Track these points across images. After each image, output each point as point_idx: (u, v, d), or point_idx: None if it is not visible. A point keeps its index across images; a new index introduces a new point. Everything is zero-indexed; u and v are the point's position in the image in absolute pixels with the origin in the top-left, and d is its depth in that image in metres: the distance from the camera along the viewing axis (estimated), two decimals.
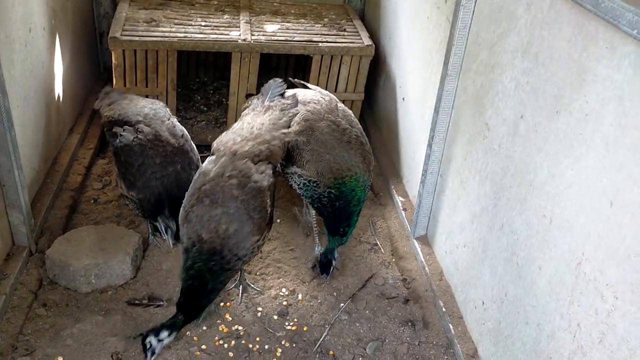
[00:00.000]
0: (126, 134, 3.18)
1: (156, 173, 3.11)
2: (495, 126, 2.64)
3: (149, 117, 3.30)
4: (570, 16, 2.07)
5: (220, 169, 2.85)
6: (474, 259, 2.86)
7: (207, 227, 2.71)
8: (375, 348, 2.93)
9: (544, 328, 2.22)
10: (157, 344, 2.66)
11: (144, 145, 3.14)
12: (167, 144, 3.20)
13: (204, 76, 5.24)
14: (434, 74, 3.45)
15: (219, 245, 2.71)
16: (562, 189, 2.10)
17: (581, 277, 1.99)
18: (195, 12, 4.48)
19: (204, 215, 2.73)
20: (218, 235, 2.71)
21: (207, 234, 2.71)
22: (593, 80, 1.94)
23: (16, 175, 2.98)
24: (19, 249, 3.17)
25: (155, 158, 3.13)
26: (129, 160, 3.13)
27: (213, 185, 2.80)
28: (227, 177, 2.81)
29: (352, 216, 3.26)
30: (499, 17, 2.62)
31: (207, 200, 2.76)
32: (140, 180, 3.10)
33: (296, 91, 3.59)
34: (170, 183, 3.11)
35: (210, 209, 2.73)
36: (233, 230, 2.72)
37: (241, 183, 2.80)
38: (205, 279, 2.73)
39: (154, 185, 3.10)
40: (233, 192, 2.77)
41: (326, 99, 3.49)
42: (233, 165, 2.86)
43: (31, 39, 3.43)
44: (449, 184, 3.19)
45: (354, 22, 4.65)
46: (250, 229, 2.76)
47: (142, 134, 3.18)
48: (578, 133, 2.01)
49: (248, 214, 2.76)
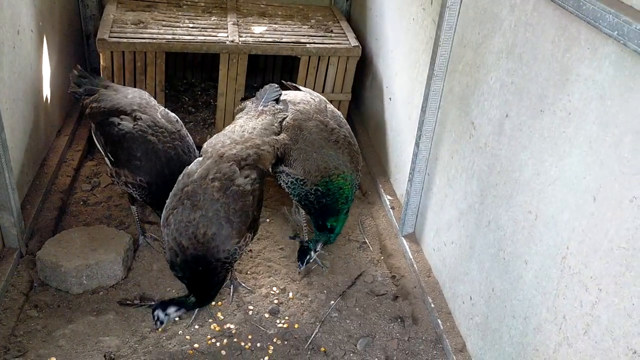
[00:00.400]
0: (125, 123, 3.21)
1: (161, 158, 3.15)
2: (481, 125, 2.71)
3: (142, 105, 3.34)
4: (553, 18, 2.14)
5: (205, 171, 2.86)
6: (462, 255, 2.92)
7: (186, 233, 2.74)
8: (365, 344, 2.98)
9: (530, 321, 2.29)
10: (164, 317, 2.82)
11: (144, 132, 3.18)
12: (165, 129, 3.25)
13: (192, 77, 5.26)
14: (420, 74, 3.51)
15: (201, 250, 2.74)
16: (547, 186, 2.16)
17: (566, 270, 2.05)
18: (182, 14, 4.50)
19: (182, 220, 2.75)
20: (197, 241, 2.74)
21: (186, 241, 2.74)
22: (576, 80, 2.00)
23: (6, 177, 2.98)
24: (9, 250, 3.17)
25: (157, 144, 3.17)
26: (132, 147, 3.16)
27: (195, 187, 2.81)
28: (210, 179, 2.82)
29: (339, 213, 3.31)
30: (483, 19, 2.69)
31: (188, 202, 2.78)
32: (147, 165, 3.14)
33: (287, 92, 3.63)
34: (174, 166, 3.15)
35: (190, 212, 2.75)
36: (211, 234, 2.74)
37: (223, 186, 2.81)
38: (201, 280, 2.80)
39: (159, 169, 3.14)
40: (214, 194, 2.78)
41: (316, 100, 3.54)
42: (217, 168, 2.86)
43: (19, 41, 3.43)
44: (436, 182, 3.25)
45: (341, 23, 4.70)
46: (229, 232, 2.77)
47: (141, 121, 3.21)
48: (562, 131, 2.08)
49: (227, 217, 2.77)
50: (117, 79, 4.05)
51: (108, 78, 4.03)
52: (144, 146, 3.15)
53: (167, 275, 3.25)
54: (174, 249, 2.77)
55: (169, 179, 3.09)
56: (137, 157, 3.14)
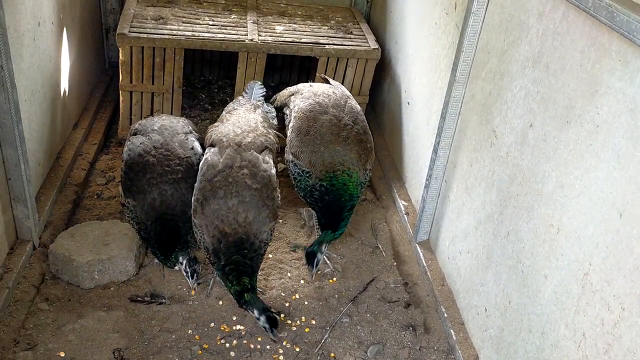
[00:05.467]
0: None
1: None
2: (503, 134, 2.66)
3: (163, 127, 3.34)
4: (583, 28, 2.09)
5: (229, 160, 2.99)
6: (478, 265, 2.87)
7: (227, 220, 2.86)
8: (376, 352, 2.94)
9: (548, 337, 2.24)
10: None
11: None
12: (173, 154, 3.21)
13: (209, 75, 5.24)
14: (441, 80, 3.46)
15: (243, 233, 2.85)
16: (571, 199, 2.11)
17: (588, 287, 2.00)
18: (202, 11, 4.48)
19: (220, 209, 2.86)
20: (239, 225, 2.85)
21: (229, 227, 2.85)
22: (605, 93, 1.95)
23: (22, 169, 2.97)
24: (22, 242, 3.16)
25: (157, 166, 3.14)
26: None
27: (224, 176, 2.93)
28: (237, 167, 2.96)
29: (343, 211, 3.31)
30: (509, 26, 2.64)
31: (221, 192, 2.89)
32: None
33: (312, 84, 3.75)
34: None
35: (225, 201, 2.87)
36: (252, 217, 2.87)
37: (251, 173, 2.96)
38: (243, 264, 2.86)
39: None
40: (246, 181, 2.92)
41: (337, 95, 3.61)
42: (241, 157, 3.01)
43: (40, 32, 3.42)
44: (454, 190, 3.20)
45: (361, 25, 4.66)
46: (267, 214, 2.93)
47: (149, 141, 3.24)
48: (589, 144, 2.03)
49: (263, 201, 2.92)
50: (135, 74, 4.04)
51: (127, 73, 4.02)
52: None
53: (179, 273, 3.23)
54: (216, 236, 2.86)
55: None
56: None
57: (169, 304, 3.07)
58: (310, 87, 3.68)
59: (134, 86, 4.07)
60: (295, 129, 3.46)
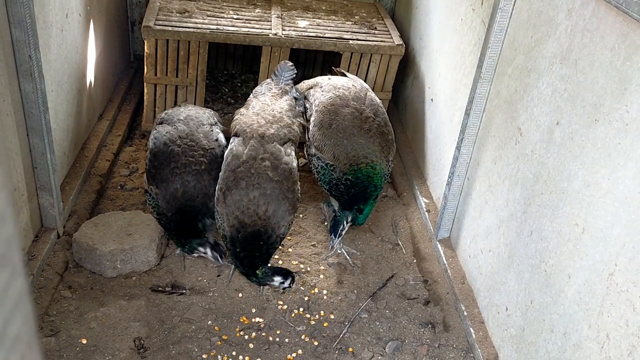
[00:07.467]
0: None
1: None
2: (528, 132, 2.62)
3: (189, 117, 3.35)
4: (614, 24, 2.05)
5: (253, 152, 3.02)
6: (499, 264, 2.84)
7: (247, 212, 2.89)
8: (394, 348, 2.93)
9: (570, 337, 2.21)
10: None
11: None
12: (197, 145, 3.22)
13: (232, 68, 5.26)
14: (466, 76, 3.43)
15: (262, 226, 2.88)
16: (597, 198, 2.08)
17: (613, 287, 1.97)
18: (227, 5, 4.50)
19: (242, 200, 2.89)
20: (259, 217, 2.88)
21: (248, 218, 2.88)
22: (635, 90, 1.91)
23: (48, 158, 3.02)
24: (47, 231, 3.21)
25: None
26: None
27: (247, 167, 2.96)
28: (260, 159, 2.99)
29: (369, 199, 3.36)
30: (537, 22, 2.60)
31: (243, 182, 2.92)
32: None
33: (330, 77, 3.73)
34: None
35: (247, 192, 2.90)
36: (272, 211, 2.90)
37: (273, 165, 2.98)
38: (256, 256, 2.92)
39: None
40: (268, 173, 2.94)
41: (357, 87, 3.61)
42: (264, 149, 3.04)
43: (67, 24, 3.47)
44: (476, 188, 3.17)
45: (385, 20, 4.64)
46: (287, 207, 2.95)
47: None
48: (617, 142, 1.99)
49: (283, 194, 2.94)
50: (160, 66, 4.07)
51: (151, 66, 4.05)
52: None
53: (199, 264, 3.26)
54: (235, 226, 2.90)
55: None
56: None
57: (190, 295, 3.10)
58: (329, 80, 3.68)
59: (159, 79, 4.11)
60: (317, 123, 3.46)
